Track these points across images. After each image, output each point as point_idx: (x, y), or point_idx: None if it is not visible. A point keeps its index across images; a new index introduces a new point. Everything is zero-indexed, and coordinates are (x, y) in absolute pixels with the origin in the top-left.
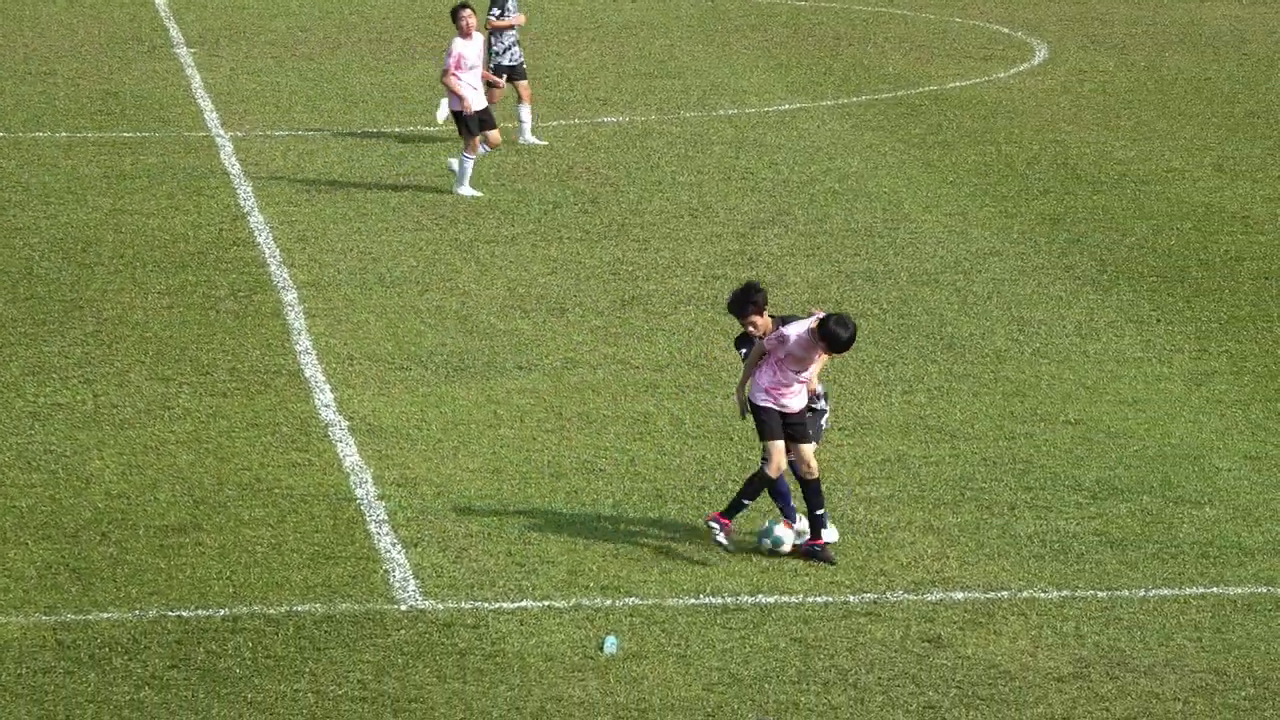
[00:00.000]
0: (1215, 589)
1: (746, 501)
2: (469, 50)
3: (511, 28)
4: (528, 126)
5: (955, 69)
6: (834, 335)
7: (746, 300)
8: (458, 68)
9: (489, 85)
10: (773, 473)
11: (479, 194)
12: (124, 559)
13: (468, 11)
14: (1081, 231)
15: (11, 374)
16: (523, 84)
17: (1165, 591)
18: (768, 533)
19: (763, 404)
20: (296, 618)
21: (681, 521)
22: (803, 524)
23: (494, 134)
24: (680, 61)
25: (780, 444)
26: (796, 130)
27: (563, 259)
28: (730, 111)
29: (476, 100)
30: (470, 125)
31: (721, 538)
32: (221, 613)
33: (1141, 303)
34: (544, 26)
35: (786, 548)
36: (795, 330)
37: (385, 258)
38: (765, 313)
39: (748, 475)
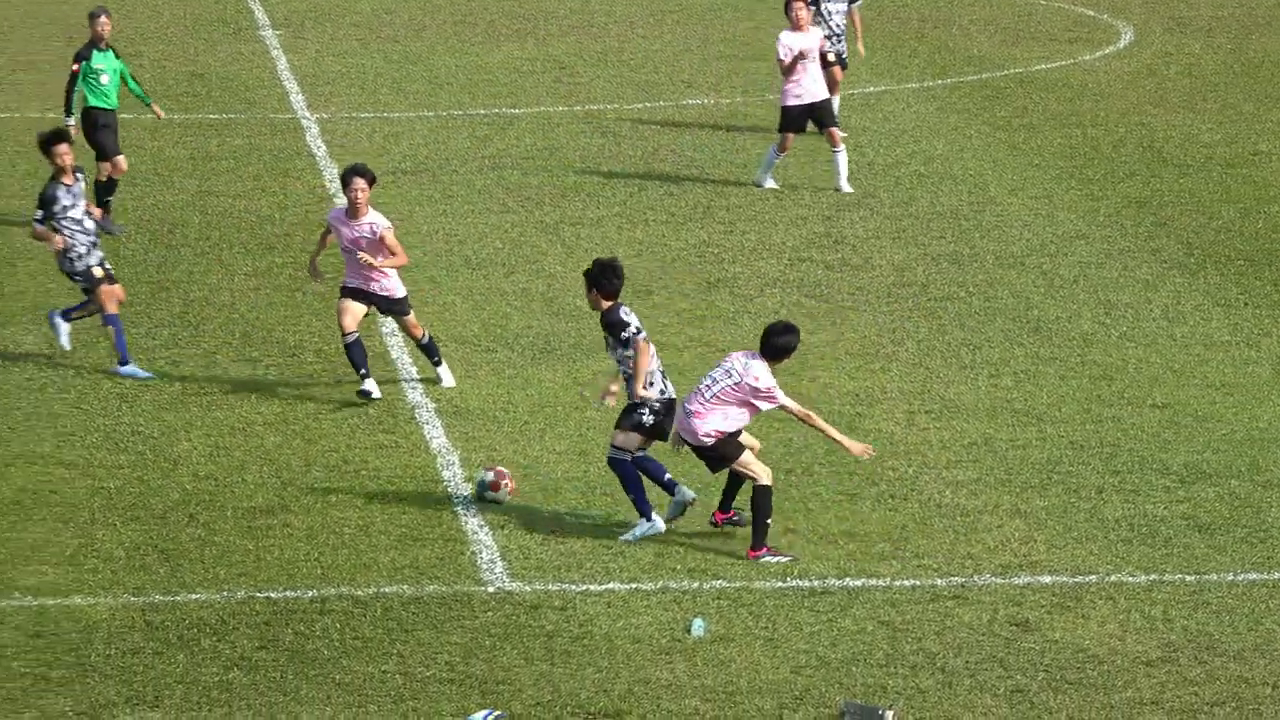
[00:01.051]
0: None
1: (769, 521)
2: (799, 43)
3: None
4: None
5: (1041, 52)
6: (784, 348)
7: (612, 278)
8: (787, 59)
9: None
10: (768, 479)
11: (776, 185)
12: (212, 540)
13: (799, 4)
14: (1168, 215)
15: (99, 355)
16: (837, 70)
17: (1254, 576)
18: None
19: (716, 439)
20: (384, 599)
21: None
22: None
23: (834, 131)
24: (765, 44)
25: (749, 452)
26: (882, 113)
27: (648, 241)
28: None
29: (812, 94)
30: (791, 121)
31: (776, 559)
32: (310, 594)
33: (1229, 286)
34: (629, 9)
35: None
36: (766, 377)
37: (471, 240)
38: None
39: (751, 501)
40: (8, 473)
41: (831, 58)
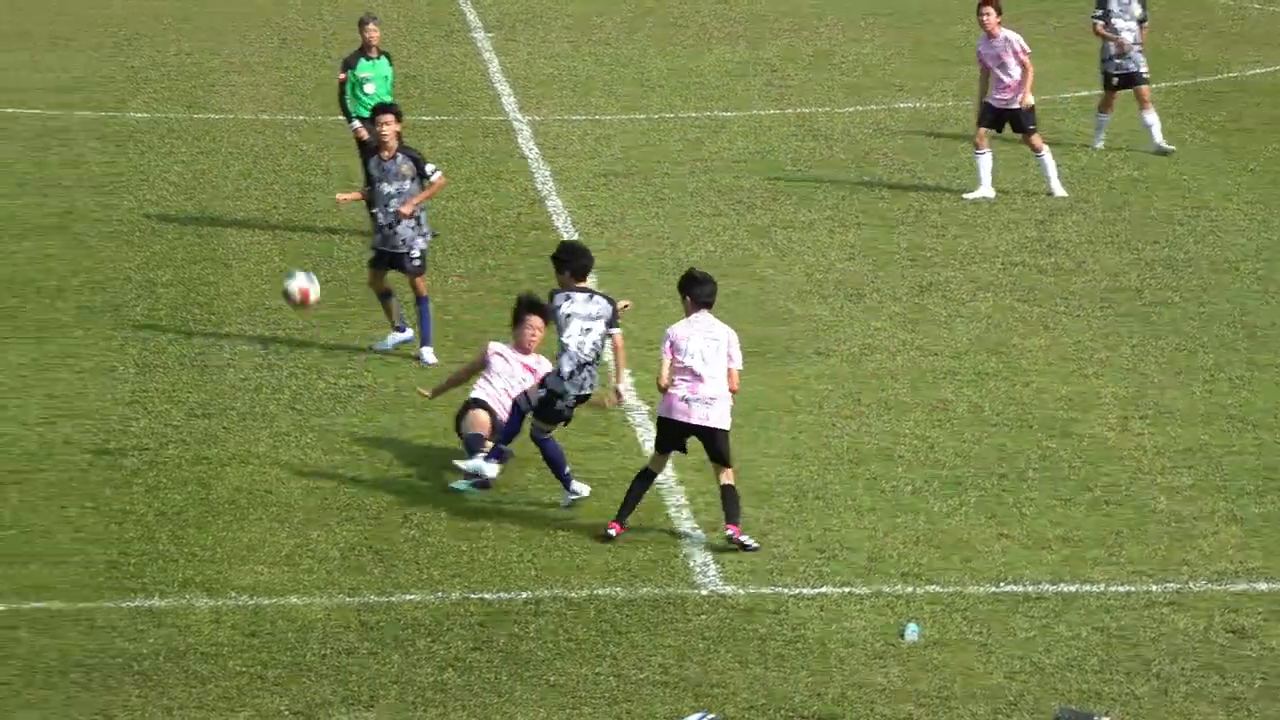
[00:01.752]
0: None
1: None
2: (984, 50)
3: (1105, 39)
4: (1156, 130)
5: (1255, 55)
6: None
7: (579, 258)
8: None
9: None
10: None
11: (979, 195)
12: (426, 541)
13: (988, 8)
14: None
15: (313, 356)
16: (1142, 89)
17: None
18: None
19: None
20: (598, 601)
21: (982, 509)
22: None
23: (1033, 138)
24: (976, 47)
25: None
26: (1095, 117)
27: (860, 245)
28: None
29: (1004, 99)
30: (980, 115)
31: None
32: (524, 596)
33: None
34: (841, 12)
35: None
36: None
37: (683, 242)
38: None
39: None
40: (224, 473)
41: (1115, 80)
